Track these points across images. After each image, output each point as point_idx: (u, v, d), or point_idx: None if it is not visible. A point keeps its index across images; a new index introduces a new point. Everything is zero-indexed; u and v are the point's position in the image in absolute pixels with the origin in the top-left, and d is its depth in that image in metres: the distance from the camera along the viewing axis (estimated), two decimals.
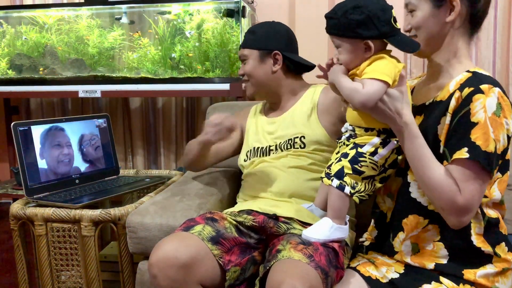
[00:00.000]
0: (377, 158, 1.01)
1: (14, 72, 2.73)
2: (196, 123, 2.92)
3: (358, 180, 1.02)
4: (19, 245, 1.51)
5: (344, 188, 1.02)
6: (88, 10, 2.66)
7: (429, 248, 1.01)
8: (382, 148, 1.01)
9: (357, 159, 1.01)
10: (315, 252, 1.05)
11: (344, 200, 1.04)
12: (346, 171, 1.02)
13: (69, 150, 1.64)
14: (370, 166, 1.01)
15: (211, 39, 2.48)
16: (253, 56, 1.42)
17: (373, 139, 1.02)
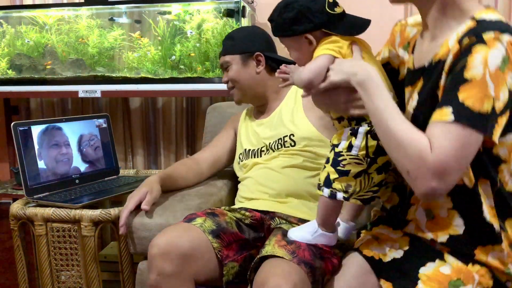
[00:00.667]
0: (355, 152, 0.93)
1: (14, 72, 2.73)
2: (196, 123, 2.92)
3: (350, 181, 0.95)
4: (19, 245, 1.51)
5: (336, 195, 0.96)
6: (88, 10, 2.66)
7: (443, 215, 0.90)
8: (355, 138, 0.93)
9: (337, 160, 0.95)
10: (297, 249, 1.06)
11: (332, 208, 1.00)
12: (332, 176, 0.95)
13: (67, 150, 1.64)
14: (353, 163, 0.93)
15: (211, 39, 2.48)
16: (235, 61, 1.43)
17: (344, 131, 0.95)
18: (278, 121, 1.41)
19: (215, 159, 1.54)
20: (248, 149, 1.45)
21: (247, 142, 1.48)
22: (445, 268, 0.90)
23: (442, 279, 0.88)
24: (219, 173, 1.62)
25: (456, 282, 0.88)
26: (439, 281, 0.88)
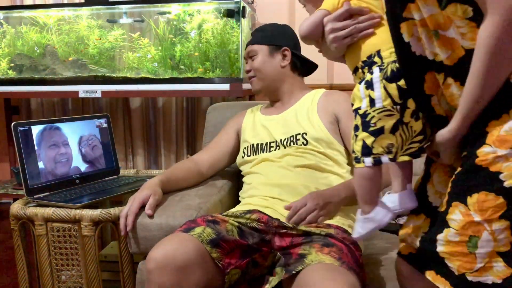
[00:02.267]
0: (379, 104, 0.84)
1: (15, 72, 2.73)
2: (196, 123, 2.92)
3: (389, 139, 0.85)
4: (19, 245, 1.51)
5: (381, 160, 0.86)
6: (88, 10, 2.67)
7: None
8: (372, 90, 0.85)
9: (365, 121, 0.86)
10: (340, 252, 1.05)
11: (374, 177, 0.90)
12: (369, 141, 0.86)
13: (66, 150, 1.64)
14: (383, 116, 0.84)
15: (211, 39, 2.48)
16: (262, 51, 1.47)
17: (359, 89, 0.88)
18: (293, 119, 1.42)
19: (214, 160, 1.54)
20: (256, 144, 1.44)
21: (253, 135, 1.48)
22: (451, 233, 0.81)
23: (459, 243, 0.80)
24: (219, 173, 1.62)
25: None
26: (460, 250, 0.80)
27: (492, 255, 0.77)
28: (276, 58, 1.46)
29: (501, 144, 0.74)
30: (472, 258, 0.79)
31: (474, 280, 0.79)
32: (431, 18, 0.75)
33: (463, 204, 0.78)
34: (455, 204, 0.79)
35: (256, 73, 1.48)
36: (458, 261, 0.80)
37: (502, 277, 0.77)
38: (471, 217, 0.77)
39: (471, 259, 0.79)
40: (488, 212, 0.76)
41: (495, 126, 0.75)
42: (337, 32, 0.91)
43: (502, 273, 0.77)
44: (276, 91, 1.50)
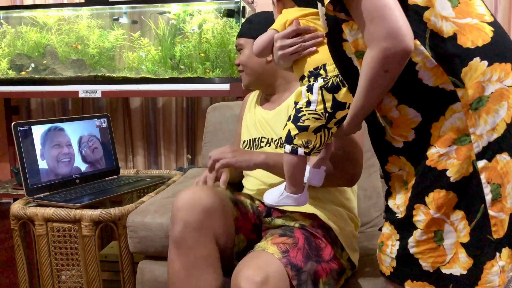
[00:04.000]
0: (313, 107, 0.96)
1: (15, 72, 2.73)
2: (196, 123, 2.92)
3: (310, 137, 0.97)
4: (19, 245, 1.51)
5: (297, 151, 0.98)
6: (89, 10, 2.67)
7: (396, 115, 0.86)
8: (311, 94, 0.96)
9: (297, 116, 0.97)
10: (292, 246, 1.07)
11: (296, 165, 1.01)
12: (293, 132, 0.98)
13: (69, 150, 1.64)
14: (312, 117, 0.96)
15: (211, 39, 2.48)
16: (248, 45, 1.38)
17: (301, 92, 0.99)
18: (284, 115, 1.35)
19: None
20: (248, 140, 1.42)
21: (253, 129, 1.43)
22: (419, 233, 0.86)
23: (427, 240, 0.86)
24: None
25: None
26: (429, 246, 0.86)
27: (457, 245, 0.83)
28: None
29: (441, 144, 0.81)
30: (442, 250, 0.84)
31: (447, 272, 0.84)
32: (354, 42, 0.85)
33: (423, 204, 0.84)
34: (417, 206, 0.85)
35: (244, 68, 1.42)
36: (430, 258, 0.85)
37: (466, 268, 0.83)
38: (431, 215, 0.84)
39: (441, 252, 0.84)
40: (443, 208, 0.83)
41: (436, 127, 0.82)
42: (285, 49, 1.00)
43: (466, 264, 0.83)
44: (266, 85, 1.43)
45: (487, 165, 0.80)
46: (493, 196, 0.81)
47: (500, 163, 0.80)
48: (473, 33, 0.81)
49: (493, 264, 0.81)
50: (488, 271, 0.81)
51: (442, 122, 0.81)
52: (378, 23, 0.76)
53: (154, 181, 1.75)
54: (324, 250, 1.12)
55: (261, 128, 1.40)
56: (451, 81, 0.80)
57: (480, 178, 0.80)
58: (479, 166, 0.80)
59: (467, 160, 0.80)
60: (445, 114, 0.81)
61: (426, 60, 0.80)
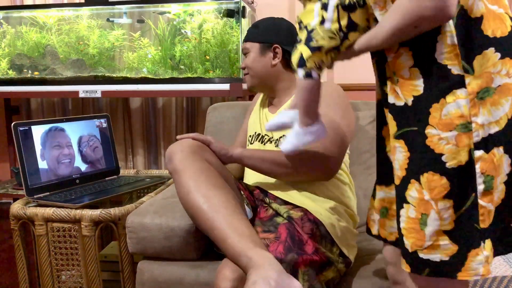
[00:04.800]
0: (328, 25, 0.91)
1: (15, 72, 2.73)
2: (196, 123, 2.92)
3: (322, 58, 0.94)
4: (19, 245, 1.51)
5: (311, 74, 0.95)
6: (89, 10, 2.67)
7: (406, 76, 0.85)
8: (325, 11, 0.92)
9: (310, 36, 0.93)
10: (274, 241, 1.11)
11: (312, 90, 0.97)
12: (306, 54, 0.93)
13: (69, 151, 1.64)
14: (327, 37, 0.92)
15: (211, 39, 2.48)
16: (254, 49, 1.45)
17: (314, 8, 0.93)
18: None
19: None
20: (258, 133, 1.48)
21: (257, 126, 1.50)
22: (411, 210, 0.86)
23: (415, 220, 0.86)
24: None
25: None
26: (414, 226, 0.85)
27: (439, 233, 0.83)
28: (267, 56, 1.44)
29: (443, 127, 0.80)
30: (422, 235, 0.84)
31: (425, 257, 0.84)
32: None
33: (418, 182, 0.84)
34: (413, 181, 0.85)
35: (248, 70, 1.48)
36: (412, 238, 0.85)
37: (449, 254, 0.83)
38: (423, 195, 0.83)
39: (421, 236, 0.84)
40: (435, 191, 0.82)
41: (436, 109, 0.81)
42: None
43: (449, 251, 0.83)
44: (269, 88, 1.48)
45: (484, 155, 0.80)
46: (485, 187, 0.81)
47: (496, 155, 0.81)
48: (496, 22, 0.80)
49: (477, 253, 0.81)
50: (472, 258, 0.81)
51: (443, 105, 0.80)
52: None
53: (154, 181, 1.76)
54: (307, 244, 1.15)
55: (264, 128, 1.46)
56: (462, 66, 0.79)
57: (475, 168, 0.80)
58: (476, 156, 0.80)
59: (465, 148, 0.80)
60: (445, 98, 0.80)
61: (449, 35, 0.79)
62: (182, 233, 1.27)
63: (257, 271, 0.92)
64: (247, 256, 0.97)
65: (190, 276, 1.27)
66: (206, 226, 1.07)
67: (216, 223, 1.05)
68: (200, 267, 1.28)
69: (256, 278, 0.90)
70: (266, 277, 0.90)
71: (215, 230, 1.05)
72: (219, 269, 1.06)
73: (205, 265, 1.28)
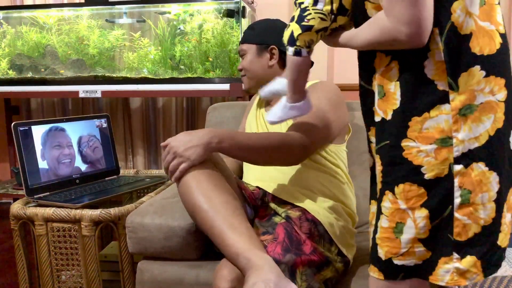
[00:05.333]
0: (321, 6, 0.95)
1: (15, 72, 2.74)
2: (196, 123, 2.92)
3: (312, 37, 0.97)
4: (19, 245, 1.51)
5: (300, 52, 0.99)
6: (89, 10, 2.67)
7: (392, 90, 0.86)
8: None
9: (302, 15, 0.96)
10: (272, 242, 1.11)
11: (300, 66, 1.01)
12: (296, 33, 0.97)
13: (70, 151, 1.64)
14: (317, 17, 0.95)
15: (211, 39, 2.48)
16: (251, 51, 1.46)
17: None
18: None
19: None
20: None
21: (255, 126, 1.50)
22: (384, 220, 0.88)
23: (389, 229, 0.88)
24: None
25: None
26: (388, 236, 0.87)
27: (415, 241, 0.85)
28: (264, 58, 1.45)
29: (423, 140, 0.82)
30: (398, 243, 0.86)
31: (399, 263, 0.87)
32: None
33: (391, 192, 0.86)
34: (386, 193, 0.87)
35: (246, 72, 1.49)
36: (386, 247, 0.88)
37: (422, 259, 0.86)
38: (397, 205, 0.86)
39: (396, 244, 0.87)
40: (412, 201, 0.84)
41: (416, 122, 0.83)
42: None
43: (423, 256, 0.86)
44: None
45: (462, 170, 0.82)
46: (461, 200, 0.82)
47: (475, 171, 0.82)
48: (485, 39, 0.81)
49: (446, 262, 0.84)
50: (441, 265, 0.84)
51: (425, 118, 0.82)
52: (408, 6, 0.75)
53: (154, 181, 1.76)
54: (305, 244, 1.15)
55: (262, 129, 1.47)
56: (447, 82, 0.80)
57: (454, 181, 0.82)
58: (455, 170, 0.82)
59: (445, 162, 0.82)
60: (429, 112, 0.82)
61: (437, 52, 0.80)
62: (182, 233, 1.27)
63: (257, 273, 0.93)
64: (246, 257, 0.97)
65: (190, 276, 1.27)
66: (206, 225, 1.07)
67: (216, 223, 1.05)
68: (200, 267, 1.28)
69: (255, 279, 0.91)
70: (266, 280, 0.90)
71: (215, 230, 1.05)
72: (217, 269, 1.06)
73: (205, 265, 1.28)
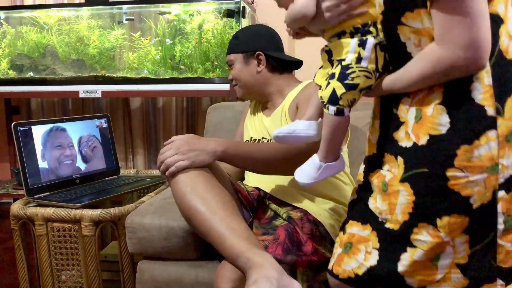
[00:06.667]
0: (365, 64, 0.88)
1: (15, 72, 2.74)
2: (196, 123, 2.92)
3: (356, 96, 0.90)
4: (19, 245, 1.51)
5: (343, 111, 0.92)
6: (89, 11, 2.67)
7: (429, 113, 0.81)
8: (363, 49, 0.88)
9: (345, 73, 0.89)
10: (273, 243, 1.11)
11: (341, 127, 0.95)
12: (339, 91, 0.90)
13: (71, 151, 1.65)
14: (363, 75, 0.89)
15: (211, 40, 2.48)
16: (238, 60, 1.48)
17: (350, 43, 0.90)
18: (278, 120, 1.42)
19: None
20: (254, 138, 1.48)
21: (253, 130, 1.51)
22: (418, 254, 0.84)
23: (424, 260, 0.84)
24: None
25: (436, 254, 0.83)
26: (422, 264, 0.84)
27: (452, 266, 0.82)
28: (251, 65, 1.46)
29: (473, 170, 0.78)
30: (434, 269, 0.83)
31: None
32: (421, 30, 0.80)
33: (432, 225, 0.81)
34: (422, 225, 0.82)
35: (237, 81, 1.50)
36: (419, 276, 0.84)
37: (459, 287, 0.82)
38: (440, 239, 0.81)
39: (432, 271, 0.83)
40: (456, 232, 0.81)
41: (465, 150, 0.78)
42: (333, 9, 0.89)
43: (459, 284, 0.82)
44: (262, 94, 1.49)
45: (505, 196, 0.79)
46: (506, 226, 0.80)
47: None
48: None
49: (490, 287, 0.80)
50: None
51: (475, 146, 0.77)
52: (465, 29, 0.71)
53: (154, 181, 1.76)
54: (305, 245, 1.15)
55: (261, 132, 1.47)
56: (495, 107, 0.77)
57: (497, 207, 0.79)
58: (498, 196, 0.79)
59: (491, 189, 0.79)
60: (479, 139, 0.77)
61: (486, 75, 0.77)
62: (181, 233, 1.27)
63: (258, 270, 0.91)
64: (246, 257, 0.97)
65: (190, 276, 1.27)
66: (204, 228, 1.06)
67: (214, 225, 1.04)
68: (200, 267, 1.28)
69: (257, 276, 0.90)
70: (268, 276, 0.89)
71: (213, 232, 1.04)
72: (218, 270, 1.06)
73: (204, 265, 1.28)
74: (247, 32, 1.50)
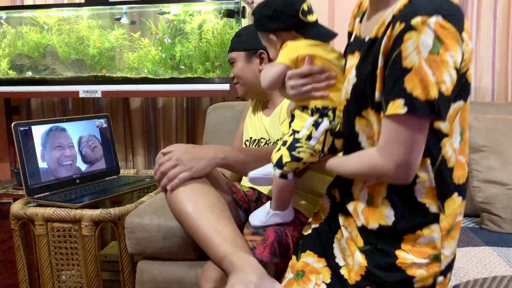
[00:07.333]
0: (313, 142, 0.98)
1: (15, 72, 2.74)
2: (196, 123, 2.92)
3: (299, 166, 1.01)
4: (19, 245, 1.51)
5: (287, 176, 1.02)
6: (89, 11, 2.67)
7: (379, 203, 0.91)
8: (316, 130, 0.98)
9: (294, 145, 0.99)
10: (261, 243, 1.11)
11: (285, 186, 1.04)
12: (285, 159, 1.00)
13: (71, 152, 1.65)
14: (308, 152, 0.98)
15: (211, 40, 2.49)
16: (240, 58, 1.47)
17: (307, 120, 0.99)
18: (277, 120, 1.42)
19: None
20: (254, 138, 1.48)
21: (252, 130, 1.50)
22: None
23: None
24: None
25: None
26: None
27: None
28: (254, 63, 1.45)
29: (417, 254, 0.87)
30: None
31: None
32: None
33: None
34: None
35: (238, 79, 1.49)
36: None
37: None
38: None
39: None
40: None
41: (410, 238, 0.88)
42: (298, 89, 0.99)
43: None
44: (262, 93, 1.48)
45: (443, 280, 0.89)
46: None
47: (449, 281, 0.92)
48: (460, 171, 0.89)
49: None
50: None
51: (419, 235, 0.87)
52: (404, 152, 0.80)
53: (154, 181, 1.76)
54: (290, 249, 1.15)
55: (260, 132, 1.47)
56: (437, 205, 0.87)
57: None
58: (438, 281, 0.88)
59: (433, 275, 0.88)
60: (422, 230, 0.87)
61: (428, 179, 0.86)
62: (180, 233, 1.27)
63: (237, 275, 0.94)
64: (229, 261, 0.98)
65: (190, 275, 1.27)
66: (191, 229, 1.08)
67: (200, 227, 1.06)
68: (199, 266, 1.28)
69: (234, 281, 0.92)
70: (245, 281, 0.91)
71: (200, 234, 1.06)
72: (203, 270, 1.08)
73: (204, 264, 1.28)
74: (250, 30, 1.49)
